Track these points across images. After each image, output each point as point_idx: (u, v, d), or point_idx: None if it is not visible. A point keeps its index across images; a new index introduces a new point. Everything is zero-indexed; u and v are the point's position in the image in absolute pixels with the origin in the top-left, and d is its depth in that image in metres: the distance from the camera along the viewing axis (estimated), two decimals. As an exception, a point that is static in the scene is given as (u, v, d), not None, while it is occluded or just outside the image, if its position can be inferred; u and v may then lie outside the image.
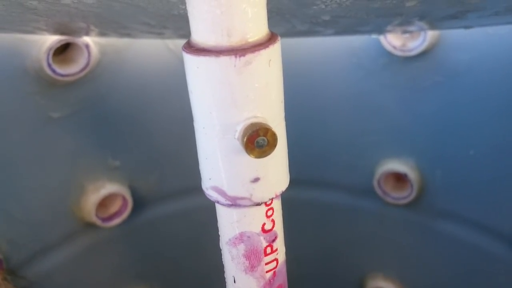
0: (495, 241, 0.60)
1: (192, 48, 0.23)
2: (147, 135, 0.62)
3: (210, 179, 0.25)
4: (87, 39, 0.52)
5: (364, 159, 0.63)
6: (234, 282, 0.27)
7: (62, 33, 0.49)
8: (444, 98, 0.56)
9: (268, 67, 0.23)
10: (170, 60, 0.58)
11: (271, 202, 0.25)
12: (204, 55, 0.22)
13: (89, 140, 0.58)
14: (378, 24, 0.44)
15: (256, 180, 0.24)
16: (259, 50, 0.22)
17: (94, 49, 0.53)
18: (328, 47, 0.59)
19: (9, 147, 0.53)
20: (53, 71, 0.51)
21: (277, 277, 0.26)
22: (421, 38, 0.54)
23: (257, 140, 0.22)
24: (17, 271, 0.56)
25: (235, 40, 0.22)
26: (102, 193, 0.59)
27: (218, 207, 0.26)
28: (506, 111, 0.54)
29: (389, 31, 0.52)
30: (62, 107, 0.55)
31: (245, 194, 0.24)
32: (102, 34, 0.51)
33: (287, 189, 0.69)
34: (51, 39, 0.50)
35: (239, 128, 0.23)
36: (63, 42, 0.51)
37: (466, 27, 0.49)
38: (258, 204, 0.25)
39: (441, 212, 0.62)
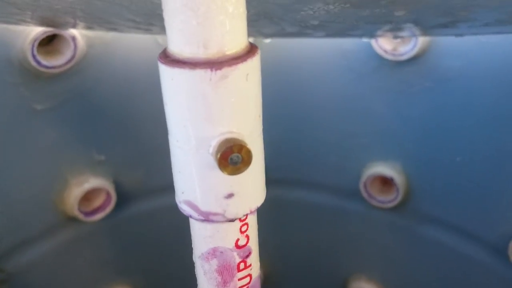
0: (478, 248, 0.61)
1: (168, 58, 0.22)
2: (133, 130, 0.61)
3: (183, 193, 0.24)
4: (73, 31, 0.51)
5: (351, 161, 0.63)
6: (206, 296, 0.26)
7: (47, 25, 0.48)
8: (433, 104, 0.56)
9: (245, 81, 0.22)
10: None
11: (246, 218, 0.25)
12: (179, 67, 0.22)
13: (73, 133, 0.58)
14: (368, 29, 0.44)
15: (230, 196, 0.23)
16: (236, 64, 0.22)
17: (80, 42, 0.52)
18: (319, 48, 0.58)
19: (-10, 138, 0.52)
20: (38, 62, 0.50)
21: (250, 292, 0.26)
22: (412, 43, 0.53)
23: (231, 157, 0.21)
24: (-4, 264, 0.56)
25: (211, 53, 0.21)
26: (86, 187, 0.59)
27: (192, 222, 0.25)
28: (494, 119, 0.54)
29: (380, 36, 0.52)
30: (47, 99, 0.54)
31: (218, 210, 0.24)
32: (88, 27, 0.50)
33: (274, 188, 0.68)
34: (36, 30, 0.49)
35: (214, 143, 0.22)
36: (48, 34, 0.50)
37: (457, 35, 0.49)
38: (232, 220, 0.24)
39: (426, 217, 0.62)
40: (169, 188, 0.67)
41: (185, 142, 0.22)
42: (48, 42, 0.53)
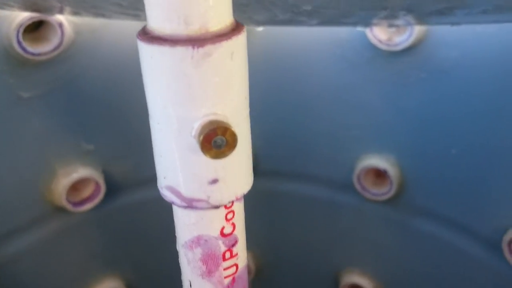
0: (471, 241, 0.60)
1: (147, 35, 0.21)
2: (123, 119, 0.60)
3: (164, 178, 0.23)
4: (60, 17, 0.50)
5: (344, 153, 0.62)
6: (190, 286, 0.25)
7: (33, 10, 0.47)
8: (427, 95, 0.56)
9: (230, 60, 0.21)
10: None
11: (232, 205, 0.24)
12: (158, 44, 0.20)
13: (61, 122, 0.57)
14: (363, 17, 0.43)
15: (214, 181, 0.22)
16: (220, 41, 0.20)
17: (68, 28, 0.51)
18: (313, 37, 0.57)
19: (-25, 127, 0.51)
20: (24, 49, 0.49)
21: (237, 283, 0.25)
22: (408, 33, 0.53)
23: (214, 140, 0.20)
24: (-17, 253, 0.55)
25: (193, 29, 0.20)
26: (74, 177, 0.58)
27: (175, 209, 0.24)
28: (490, 111, 0.54)
29: (375, 24, 0.51)
30: (34, 86, 0.53)
31: (202, 196, 0.22)
32: (75, 13, 0.49)
33: (266, 180, 0.68)
34: (22, 16, 0.48)
35: (196, 126, 0.21)
36: (34, 20, 0.49)
37: (453, 23, 0.48)
38: (217, 207, 0.23)
39: (419, 210, 0.62)
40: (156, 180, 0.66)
41: (166, 125, 0.21)
42: (35, 29, 0.52)
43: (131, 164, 0.63)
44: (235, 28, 0.21)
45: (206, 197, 0.22)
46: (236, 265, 0.25)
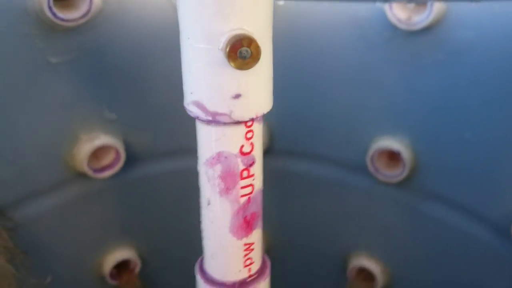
0: (482, 227, 0.60)
1: (183, -46, 0.23)
2: (145, 91, 0.61)
3: (191, 93, 0.25)
4: (90, -16, 0.52)
5: (358, 134, 0.63)
6: (209, 204, 0.26)
7: (65, -25, 0.49)
8: (444, 77, 0.56)
9: (256, -21, 0.23)
10: (173, 16, 0.57)
11: (252, 124, 0.25)
12: (193, -39, 0.22)
13: (86, 89, 0.58)
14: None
15: (237, 96, 0.24)
16: (248, -41, 0.22)
17: (96, -3, 0.53)
18: (332, 15, 0.58)
19: (4, 88, 0.53)
20: (54, 14, 0.51)
21: (252, 204, 0.26)
22: (427, 11, 0.53)
23: (240, 50, 0.22)
24: (4, 212, 0.56)
25: None
26: (96, 143, 0.59)
27: (198, 126, 0.26)
28: (507, 95, 0.54)
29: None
30: (61, 52, 0.54)
31: (225, 110, 0.24)
32: (105, -21, 0.50)
33: (280, 159, 0.68)
34: (53, -19, 0.50)
35: (224, 39, 0.22)
36: (66, -15, 0.51)
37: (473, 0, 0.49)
38: (238, 123, 0.24)
39: (430, 194, 0.62)
40: (177, 152, 0.68)
41: (196, 39, 0.23)
42: (65, -4, 0.54)
43: (151, 136, 0.64)
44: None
45: (228, 111, 0.24)
46: (252, 186, 0.26)
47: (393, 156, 0.63)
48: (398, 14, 0.54)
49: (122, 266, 0.68)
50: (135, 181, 0.66)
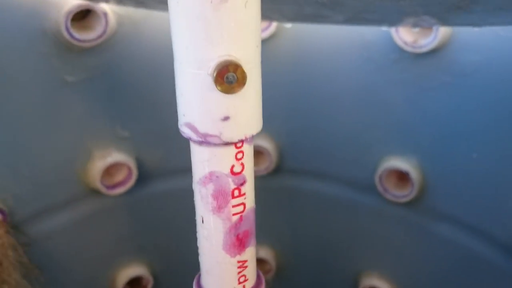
0: (490, 247, 0.60)
1: (175, -16, 0.24)
2: (157, 109, 0.63)
3: (184, 115, 0.26)
4: (106, 7, 0.54)
5: (367, 154, 0.63)
6: (202, 222, 0.28)
7: (82, -2, 0.51)
8: (451, 99, 0.57)
9: (244, 8, 0.24)
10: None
11: (242, 145, 0.27)
12: (183, -10, 0.24)
13: (100, 107, 0.60)
14: (384, 11, 0.45)
15: (226, 118, 0.25)
16: (236, -10, 0.24)
17: (112, 18, 0.55)
18: (340, 37, 0.59)
19: (22, 106, 0.55)
20: (71, 35, 0.53)
21: (244, 222, 0.27)
22: (433, 35, 0.54)
23: (226, 76, 0.23)
24: (20, 227, 0.58)
25: (214, -21, 0.23)
26: (109, 160, 0.61)
27: (192, 147, 0.27)
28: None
29: (399, 23, 0.52)
30: (77, 71, 0.56)
31: (215, 132, 0.25)
32: (119, 2, 0.52)
33: (289, 178, 0.69)
34: (71, 3, 0.52)
35: (212, 64, 0.24)
36: (82, 8, 0.53)
37: (474, 24, 0.50)
38: (228, 144, 0.26)
39: (439, 214, 0.62)
40: (188, 170, 0.69)
41: (187, 64, 0.24)
42: (82, 18, 0.56)
43: (162, 154, 0.66)
44: (250, -19, 0.25)
45: (218, 133, 0.25)
46: (244, 204, 0.27)
47: (402, 176, 0.63)
48: (404, 37, 0.55)
49: (134, 283, 0.69)
50: (147, 198, 0.67)
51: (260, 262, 0.72)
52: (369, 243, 0.69)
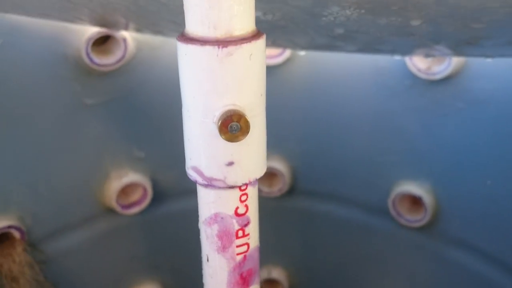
0: (503, 273, 0.60)
1: (184, 37, 0.26)
2: (173, 131, 0.63)
3: (190, 159, 0.27)
4: (125, 33, 0.55)
5: (380, 178, 0.64)
6: (208, 260, 0.29)
7: (102, 25, 0.53)
8: (464, 125, 0.57)
9: (248, 60, 0.25)
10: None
11: (246, 188, 0.27)
12: (192, 44, 0.25)
13: (117, 129, 0.61)
14: (396, 43, 0.46)
15: (230, 164, 0.26)
16: (241, 43, 0.25)
17: (130, 44, 0.56)
18: (354, 64, 0.60)
19: (42, 127, 0.57)
20: (91, 60, 0.55)
21: (248, 261, 0.28)
22: (446, 63, 0.54)
23: (230, 125, 0.24)
24: (37, 245, 0.59)
25: (220, 33, 0.24)
26: (124, 181, 0.62)
27: (198, 188, 0.28)
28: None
29: (412, 53, 0.53)
30: (96, 94, 0.58)
31: (220, 176, 0.26)
32: (138, 29, 0.54)
33: (303, 200, 0.69)
34: (92, 30, 0.54)
35: (217, 113, 0.25)
36: (102, 34, 0.54)
37: (486, 55, 0.50)
38: (232, 187, 0.27)
39: (453, 239, 0.62)
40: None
41: (194, 112, 0.25)
42: (102, 43, 0.57)
43: (177, 174, 0.67)
44: (255, 35, 0.26)
45: (223, 177, 0.26)
46: (248, 244, 0.28)
47: (415, 201, 0.63)
48: (418, 64, 0.55)
49: (149, 302, 0.69)
50: (162, 218, 0.68)
51: (273, 282, 0.73)
52: (382, 266, 0.69)
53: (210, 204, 0.27)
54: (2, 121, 0.53)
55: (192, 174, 0.27)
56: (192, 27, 0.25)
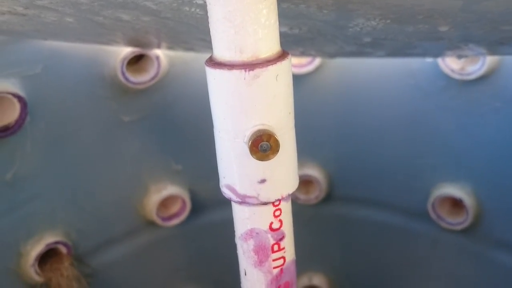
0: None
1: (212, 62, 0.26)
2: (208, 143, 0.64)
3: (224, 177, 0.28)
4: (158, 51, 0.57)
5: (419, 181, 0.63)
6: (245, 274, 0.29)
7: (135, 46, 0.55)
8: (502, 124, 0.56)
9: (275, 81, 0.26)
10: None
11: (279, 203, 0.28)
12: (220, 68, 0.26)
13: (155, 143, 0.63)
14: (426, 47, 0.45)
15: (262, 181, 0.27)
16: (267, 66, 0.25)
17: (164, 61, 0.58)
18: (386, 67, 0.60)
19: (84, 145, 0.59)
20: (126, 79, 0.57)
21: (284, 274, 0.29)
22: (480, 62, 0.54)
23: (261, 145, 0.25)
24: (83, 259, 0.61)
25: (246, 56, 0.25)
26: (164, 194, 0.64)
27: (233, 205, 0.29)
28: None
29: (443, 55, 0.52)
30: (133, 112, 0.60)
31: (253, 193, 0.27)
32: (170, 47, 0.55)
33: (341, 206, 0.69)
34: (126, 51, 0.55)
35: (248, 133, 0.26)
36: (136, 54, 0.56)
37: (522, 53, 0.49)
38: (265, 204, 0.27)
39: (497, 241, 0.61)
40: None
41: (225, 133, 0.26)
42: (136, 61, 0.59)
43: (215, 185, 0.67)
44: (281, 56, 0.26)
45: (256, 194, 0.27)
46: (284, 258, 0.29)
47: (456, 203, 0.62)
48: (451, 65, 0.55)
49: (190, 312, 0.70)
50: (201, 228, 0.69)
51: (313, 289, 0.73)
52: (424, 271, 0.68)
53: (245, 220, 0.28)
54: (47, 141, 0.55)
55: (226, 192, 0.28)
56: (220, 52, 0.26)
